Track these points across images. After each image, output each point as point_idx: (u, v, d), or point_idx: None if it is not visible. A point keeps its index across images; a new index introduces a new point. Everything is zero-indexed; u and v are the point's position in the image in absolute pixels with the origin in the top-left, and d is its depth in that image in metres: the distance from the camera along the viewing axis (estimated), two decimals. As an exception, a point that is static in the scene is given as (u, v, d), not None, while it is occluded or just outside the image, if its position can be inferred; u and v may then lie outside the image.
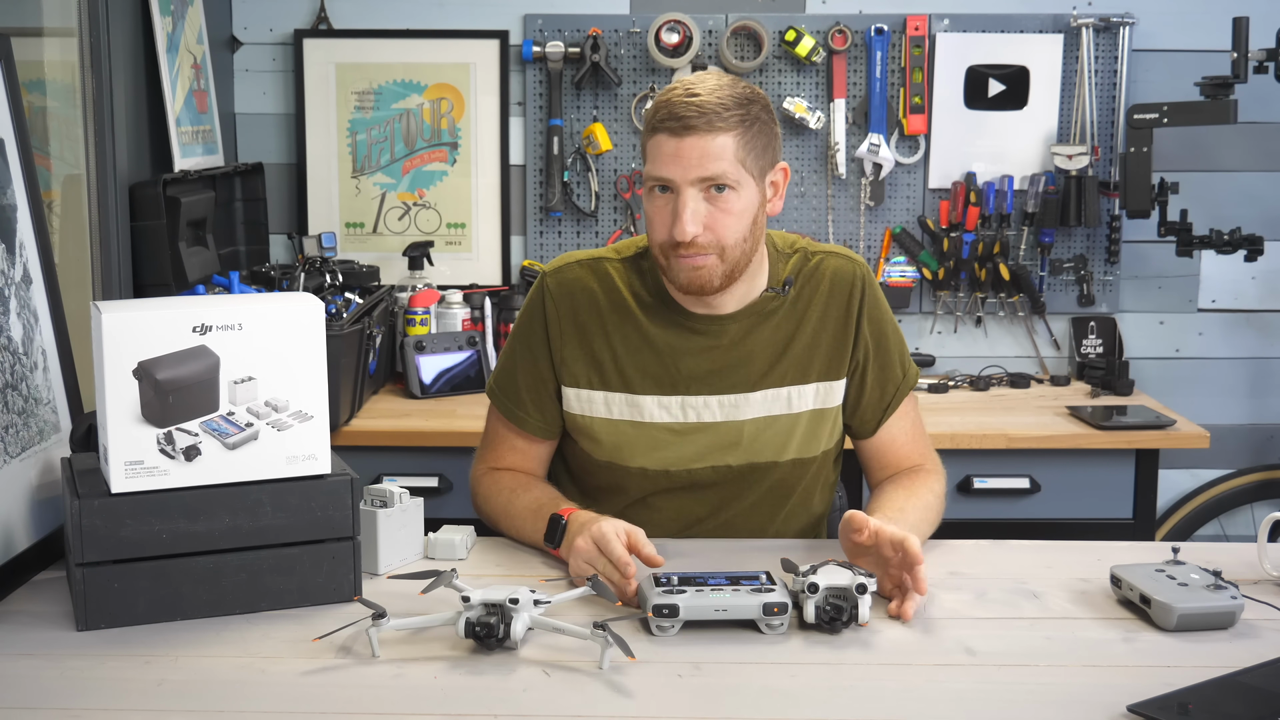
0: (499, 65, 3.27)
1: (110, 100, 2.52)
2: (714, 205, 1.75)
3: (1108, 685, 1.38)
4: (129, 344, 1.53)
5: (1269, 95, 3.17)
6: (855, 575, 1.52)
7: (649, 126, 1.77)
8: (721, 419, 1.88)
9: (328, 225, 3.31)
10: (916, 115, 3.23)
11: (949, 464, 2.00)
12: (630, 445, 1.89)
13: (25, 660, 1.45)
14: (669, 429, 1.88)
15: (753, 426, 1.88)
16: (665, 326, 1.87)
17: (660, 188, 1.76)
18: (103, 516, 1.52)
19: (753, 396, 1.87)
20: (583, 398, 1.89)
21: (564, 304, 1.90)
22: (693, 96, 1.73)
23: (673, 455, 1.88)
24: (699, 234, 1.74)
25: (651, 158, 1.77)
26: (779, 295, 1.88)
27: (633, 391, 1.88)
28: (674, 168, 1.73)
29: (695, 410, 1.87)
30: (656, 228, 1.79)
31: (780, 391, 1.88)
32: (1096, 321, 3.30)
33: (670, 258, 1.78)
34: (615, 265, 1.92)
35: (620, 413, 1.88)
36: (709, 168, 1.72)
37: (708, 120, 1.71)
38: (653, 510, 1.92)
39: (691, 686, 1.39)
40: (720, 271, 1.78)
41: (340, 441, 2.67)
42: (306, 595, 1.60)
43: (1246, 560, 1.72)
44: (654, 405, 1.87)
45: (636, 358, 1.87)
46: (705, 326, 1.86)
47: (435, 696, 1.36)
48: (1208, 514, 3.34)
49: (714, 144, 1.72)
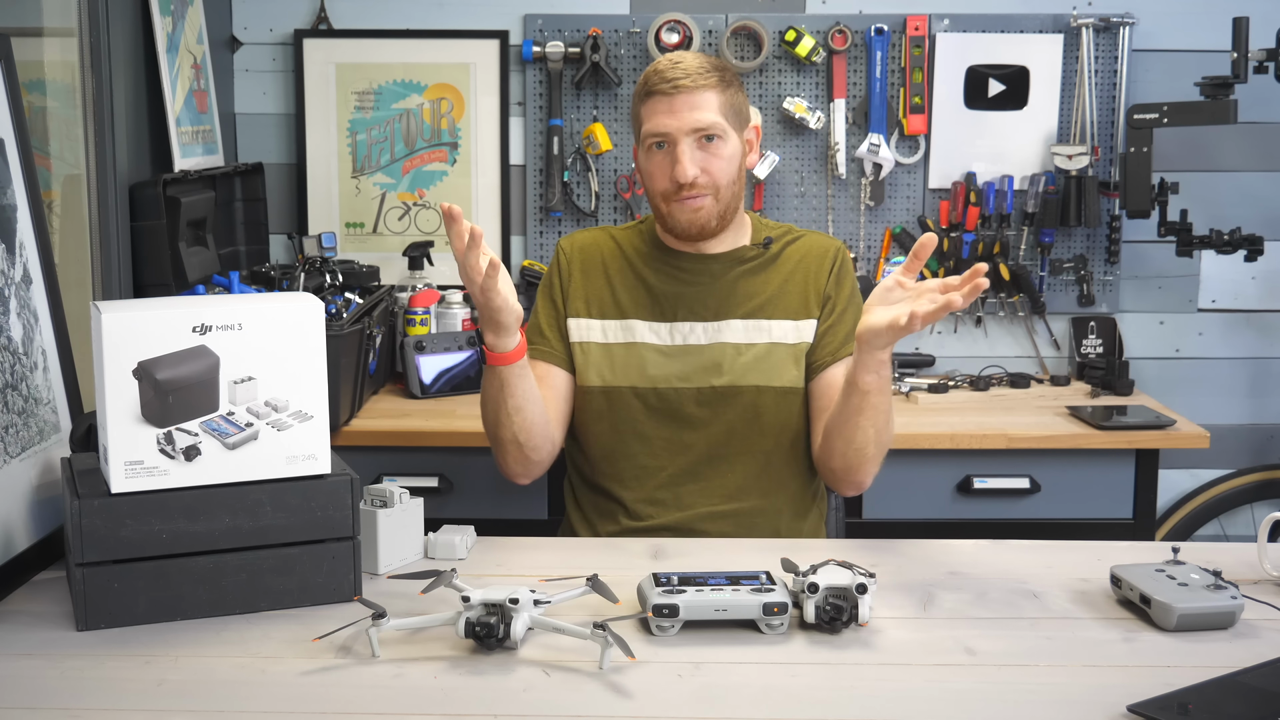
0: (499, 65, 3.27)
1: (110, 100, 2.52)
2: (706, 152, 2.02)
3: (1108, 685, 1.38)
4: (129, 344, 1.53)
5: (1269, 95, 3.17)
6: (855, 575, 1.53)
7: (641, 94, 2.04)
8: (706, 342, 2.09)
9: (328, 225, 3.31)
10: (916, 115, 3.23)
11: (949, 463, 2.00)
12: (620, 366, 2.09)
13: (25, 660, 1.45)
14: (657, 350, 2.10)
15: (734, 350, 2.08)
16: (659, 268, 2.13)
17: (658, 144, 2.03)
18: (103, 516, 1.52)
19: (734, 324, 2.09)
20: (582, 326, 2.13)
21: (575, 256, 2.18)
22: (677, 64, 2.03)
23: (660, 373, 2.08)
24: (698, 175, 2.00)
25: (648, 118, 2.03)
26: (760, 249, 2.13)
27: (626, 317, 2.12)
28: (670, 121, 2.00)
29: (681, 334, 2.10)
30: (657, 179, 2.04)
31: (760, 322, 2.10)
32: (1096, 321, 3.30)
33: (670, 204, 2.04)
34: (619, 231, 2.21)
35: (614, 336, 2.11)
36: (700, 119, 2.00)
37: (693, 79, 2.00)
38: (646, 440, 2.08)
39: (691, 686, 1.39)
40: (716, 211, 2.05)
41: (340, 441, 2.67)
42: (306, 595, 1.61)
43: (1246, 560, 1.73)
44: (645, 329, 2.11)
45: (633, 293, 2.13)
46: (693, 265, 2.12)
47: (435, 696, 1.36)
48: (1208, 514, 3.34)
49: (702, 99, 2.00)
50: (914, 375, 3.21)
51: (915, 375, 3.22)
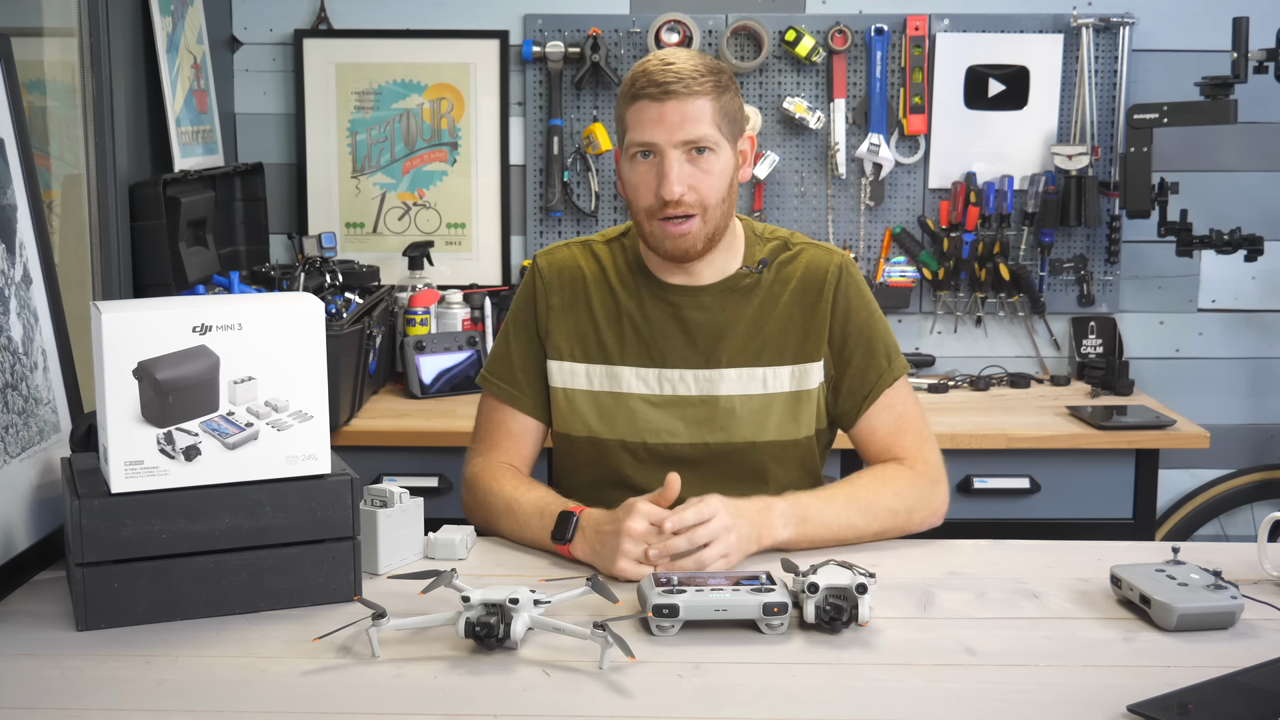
0: (499, 65, 3.27)
1: (110, 100, 2.52)
2: (695, 167, 1.82)
3: (1108, 685, 1.38)
4: (129, 344, 1.53)
5: (1269, 95, 3.17)
6: (855, 575, 1.52)
7: (627, 96, 1.84)
8: (697, 393, 1.92)
9: (328, 225, 3.31)
10: (916, 115, 3.23)
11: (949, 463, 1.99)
12: (610, 417, 1.93)
13: (25, 660, 1.45)
14: (646, 400, 1.93)
15: (728, 403, 1.92)
16: (643, 299, 1.94)
17: (643, 153, 1.83)
18: (103, 516, 1.52)
19: (727, 373, 1.92)
20: (565, 370, 1.95)
21: (553, 281, 1.97)
22: (669, 65, 1.82)
23: (650, 427, 1.92)
24: (684, 193, 1.81)
25: (633, 124, 1.83)
26: (753, 274, 1.94)
27: (611, 363, 1.94)
28: (658, 131, 1.81)
29: (671, 383, 1.92)
30: (641, 192, 1.85)
31: (755, 371, 1.92)
32: (1096, 321, 3.30)
33: (654, 224, 1.85)
34: (600, 246, 2.00)
35: (600, 384, 1.94)
36: (691, 130, 1.80)
37: (686, 85, 1.80)
38: (634, 492, 1.88)
39: (691, 686, 1.39)
40: (703, 234, 1.85)
41: (340, 441, 2.67)
42: (306, 595, 1.60)
43: (1246, 560, 1.72)
44: (632, 376, 1.93)
45: (616, 330, 1.94)
46: (680, 297, 1.93)
47: (435, 696, 1.36)
48: (1208, 514, 3.34)
49: (693, 107, 1.80)
50: (914, 375, 3.21)
51: (915, 375, 3.22)
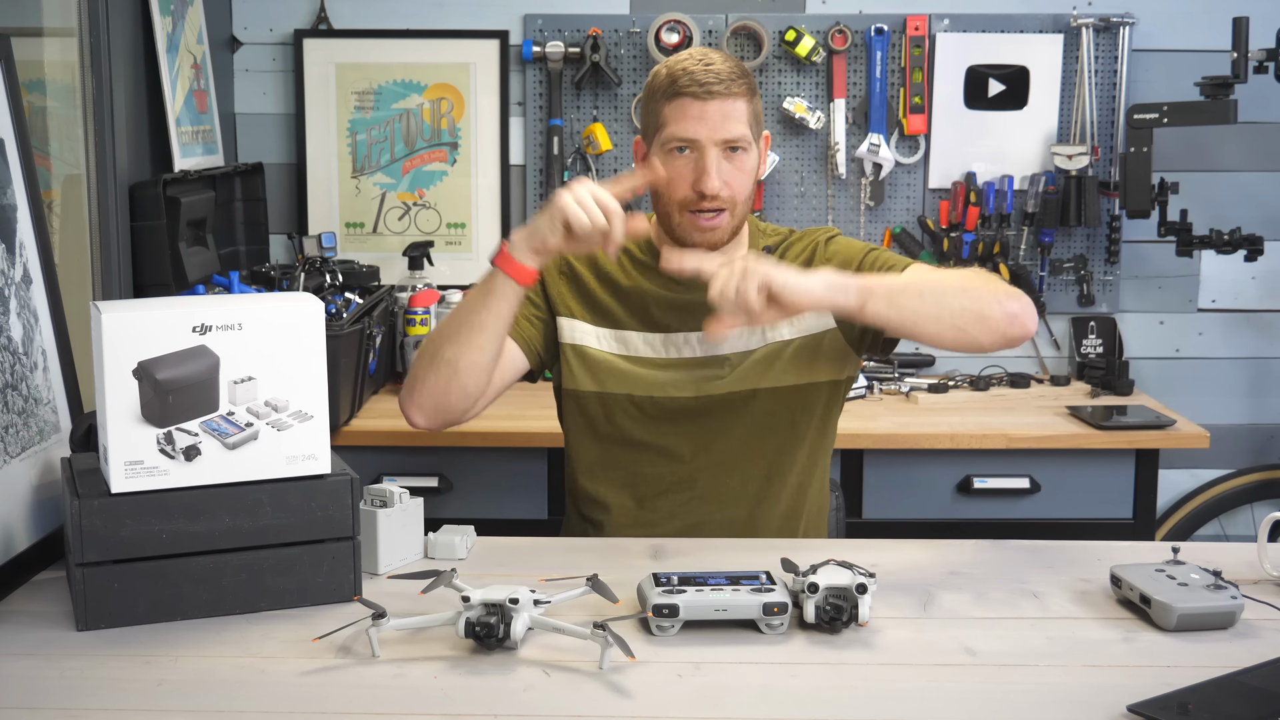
0: (499, 65, 3.27)
1: (110, 100, 2.52)
2: (731, 164, 1.91)
3: (1108, 685, 1.38)
4: (129, 344, 1.53)
5: (1269, 95, 3.17)
6: (855, 575, 1.52)
7: (668, 93, 1.91)
8: (702, 353, 2.00)
9: (328, 225, 3.31)
10: (916, 115, 3.23)
11: (949, 463, 1.99)
12: (617, 374, 2.00)
13: (25, 660, 1.45)
14: (652, 362, 2.01)
15: (735, 357, 1.99)
16: (652, 277, 2.01)
17: (680, 148, 1.91)
18: (103, 516, 1.52)
19: (730, 333, 1.94)
20: (576, 328, 2.03)
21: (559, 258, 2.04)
22: (709, 65, 1.90)
23: (657, 382, 2.00)
24: (721, 188, 1.90)
25: (674, 119, 1.90)
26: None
27: (620, 328, 2.02)
28: (701, 128, 1.88)
29: (676, 346, 2.00)
30: (677, 185, 1.92)
31: (758, 328, 1.98)
32: (1096, 321, 3.30)
33: (685, 216, 1.93)
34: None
35: (608, 345, 2.02)
36: (731, 130, 1.89)
37: (726, 86, 1.89)
38: (640, 449, 2.01)
39: (691, 686, 1.39)
40: (729, 228, 1.95)
41: (340, 441, 2.67)
42: (306, 595, 1.60)
43: (1246, 560, 1.72)
44: (639, 340, 2.01)
45: (624, 301, 2.02)
46: (689, 283, 1.95)
47: (435, 696, 1.36)
48: (1208, 514, 3.34)
49: (734, 107, 1.89)
50: (914, 375, 3.21)
51: (915, 375, 3.22)
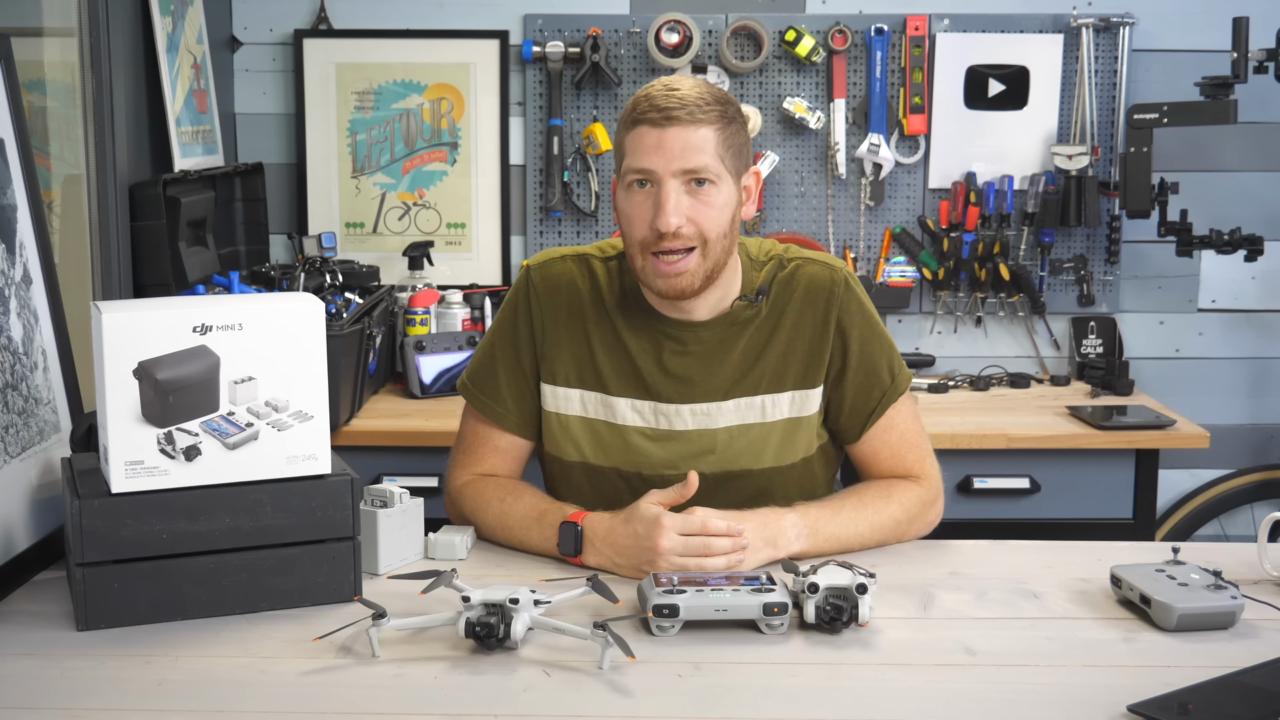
0: (499, 65, 3.27)
1: (110, 100, 2.52)
2: (695, 198, 1.73)
3: (1108, 685, 1.38)
4: (129, 344, 1.53)
5: (1269, 95, 3.17)
6: (855, 575, 1.53)
7: (628, 121, 1.76)
8: (694, 427, 1.85)
9: (328, 225, 3.31)
10: (916, 115, 3.23)
11: (949, 464, 1.99)
12: (605, 446, 1.87)
13: (25, 660, 1.45)
14: (641, 433, 1.86)
15: (726, 435, 1.85)
16: (639, 330, 1.86)
17: (639, 182, 1.75)
18: (103, 516, 1.52)
19: (725, 405, 1.84)
20: (559, 395, 1.88)
21: (548, 299, 1.89)
22: (673, 90, 1.74)
23: (645, 459, 1.86)
24: (681, 225, 1.72)
25: (632, 151, 1.75)
26: (752, 304, 1.85)
27: (608, 392, 1.86)
28: (656, 158, 1.72)
29: (667, 418, 1.85)
30: (635, 224, 1.76)
31: (754, 400, 1.85)
32: (1096, 321, 3.30)
33: (647, 259, 1.76)
34: (598, 263, 1.90)
35: (595, 412, 1.87)
36: (691, 159, 1.72)
37: (689, 112, 1.72)
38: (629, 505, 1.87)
39: (691, 686, 1.39)
40: (701, 272, 1.76)
41: (340, 441, 2.67)
42: (306, 595, 1.60)
43: (1246, 560, 1.73)
44: (627, 408, 1.86)
45: (612, 358, 1.86)
46: (678, 332, 1.85)
47: (435, 696, 1.36)
48: (1208, 514, 3.34)
49: (696, 136, 1.72)
50: (914, 375, 3.21)
51: (915, 375, 3.22)
